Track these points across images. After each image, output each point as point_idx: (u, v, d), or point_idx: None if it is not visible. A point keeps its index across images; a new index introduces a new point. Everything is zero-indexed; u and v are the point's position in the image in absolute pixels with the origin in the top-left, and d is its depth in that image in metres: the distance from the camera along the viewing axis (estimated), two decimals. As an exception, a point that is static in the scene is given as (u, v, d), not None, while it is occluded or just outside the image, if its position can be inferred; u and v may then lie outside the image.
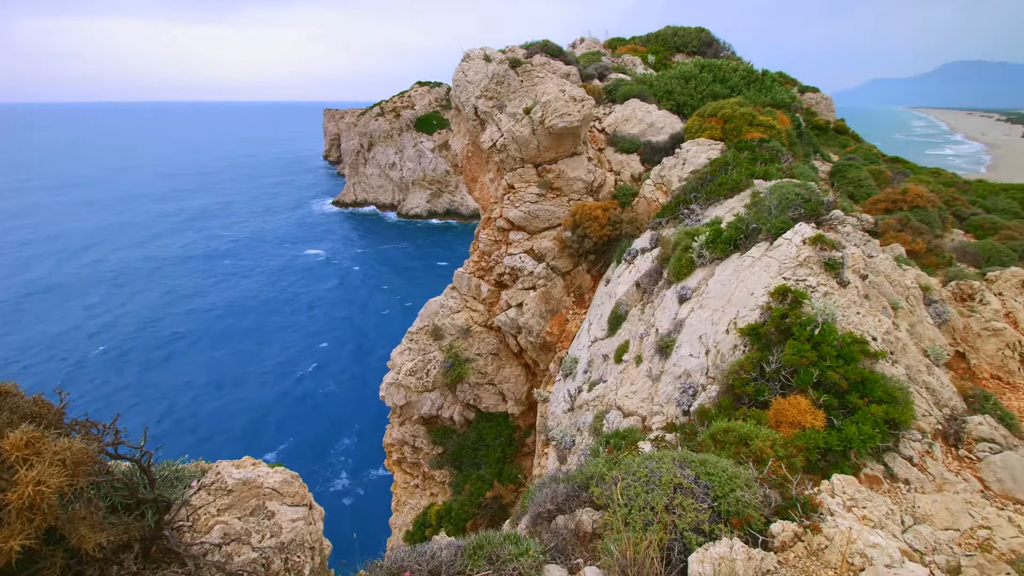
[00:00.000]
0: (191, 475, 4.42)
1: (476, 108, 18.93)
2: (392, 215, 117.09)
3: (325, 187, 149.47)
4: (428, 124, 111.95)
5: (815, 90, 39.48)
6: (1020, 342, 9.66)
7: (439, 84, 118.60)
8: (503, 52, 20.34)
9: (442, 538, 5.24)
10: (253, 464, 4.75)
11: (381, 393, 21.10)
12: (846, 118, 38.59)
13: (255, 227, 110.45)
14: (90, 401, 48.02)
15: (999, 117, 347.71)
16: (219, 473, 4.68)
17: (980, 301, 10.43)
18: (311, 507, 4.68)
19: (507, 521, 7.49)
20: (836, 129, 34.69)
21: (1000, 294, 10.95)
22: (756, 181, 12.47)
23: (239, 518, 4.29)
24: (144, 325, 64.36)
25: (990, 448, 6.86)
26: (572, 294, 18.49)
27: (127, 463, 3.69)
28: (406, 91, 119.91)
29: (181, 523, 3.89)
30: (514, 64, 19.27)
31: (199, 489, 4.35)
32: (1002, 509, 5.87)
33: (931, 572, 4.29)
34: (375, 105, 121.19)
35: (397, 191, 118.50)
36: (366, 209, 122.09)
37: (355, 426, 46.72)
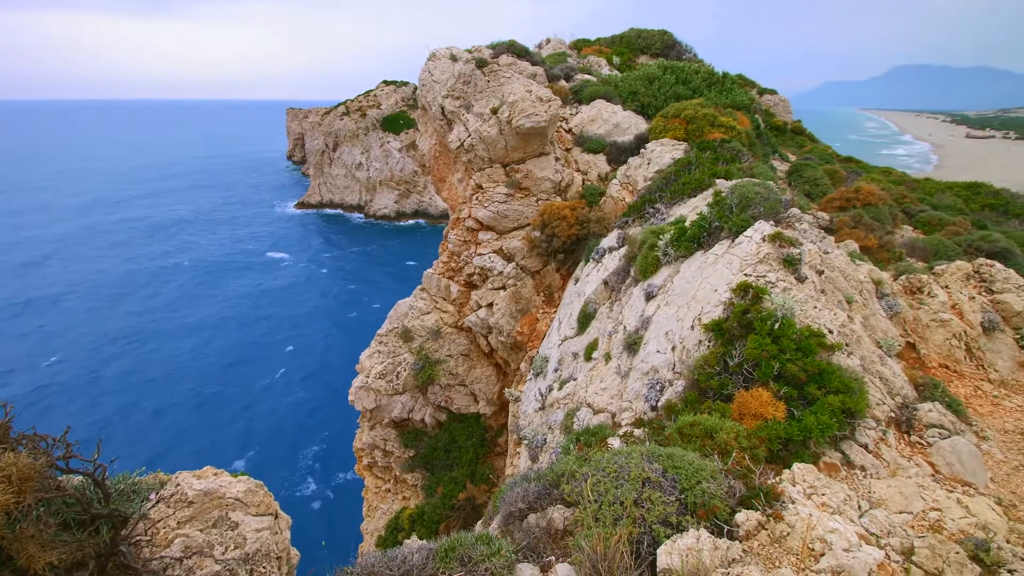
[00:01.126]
0: (149, 487, 4.26)
1: (443, 108, 18.83)
2: (359, 216, 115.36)
3: (289, 188, 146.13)
4: (395, 124, 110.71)
5: (773, 92, 40.75)
6: (965, 332, 10.20)
7: (405, 83, 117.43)
8: (469, 52, 20.29)
9: (413, 542, 5.19)
10: (215, 474, 4.61)
11: (350, 397, 20.76)
12: (803, 119, 39.96)
13: (215, 230, 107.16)
14: (40, 414, 45.74)
15: (944, 118, 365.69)
16: (179, 485, 4.52)
17: (928, 294, 10.95)
18: (277, 516, 4.57)
19: (479, 522, 7.48)
20: (793, 130, 35.87)
21: (947, 287, 11.52)
22: (718, 180, 12.79)
23: (201, 530, 4.15)
24: (98, 334, 61.64)
25: (939, 434, 7.21)
26: (542, 293, 18.59)
27: (79, 477, 3.54)
28: (372, 90, 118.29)
29: (139, 538, 3.74)
30: (480, 64, 19.24)
31: (158, 502, 4.20)
32: (951, 491, 6.19)
33: (886, 554, 4.48)
34: (340, 104, 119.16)
35: (364, 192, 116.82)
36: (332, 211, 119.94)
37: (324, 432, 45.85)
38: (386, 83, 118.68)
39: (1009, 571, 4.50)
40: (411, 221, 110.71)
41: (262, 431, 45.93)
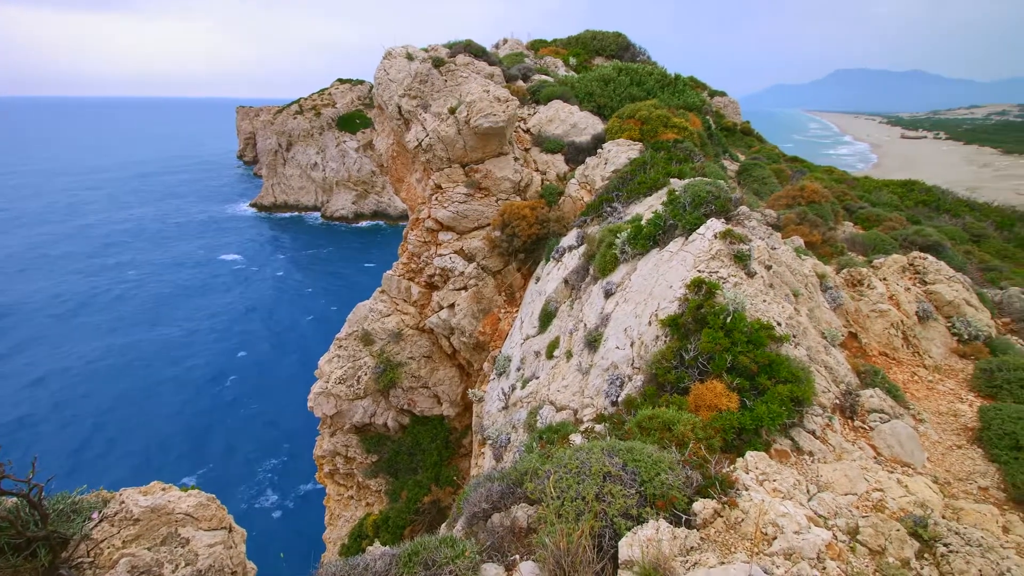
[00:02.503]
0: (91, 506, 4.04)
1: (400, 107, 18.60)
2: (316, 217, 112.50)
3: (241, 189, 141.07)
4: (351, 123, 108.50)
5: (723, 94, 42.14)
6: (902, 322, 10.82)
7: (361, 82, 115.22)
8: (426, 51, 20.11)
9: (376, 548, 5.11)
10: (163, 489, 4.41)
11: (309, 404, 20.23)
12: (751, 120, 41.53)
13: (163, 232, 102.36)
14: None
15: (881, 120, 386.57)
16: (123, 502, 4.30)
17: (868, 286, 11.56)
18: (231, 529, 4.41)
19: (444, 524, 7.43)
20: (743, 131, 37.21)
21: (885, 279, 12.19)
22: (672, 180, 13.13)
23: (149, 548, 3.96)
24: (37, 342, 57.85)
25: (880, 418, 7.62)
26: (503, 293, 18.62)
27: (13, 499, 3.34)
28: (326, 88, 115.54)
29: (81, 559, 3.55)
30: (437, 63, 19.11)
31: (100, 521, 3.99)
32: (891, 472, 6.56)
33: (834, 535, 4.70)
34: (293, 103, 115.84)
35: (320, 192, 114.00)
36: (287, 212, 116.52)
37: (282, 440, 44.47)
38: (341, 81, 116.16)
39: (945, 545, 4.81)
40: (370, 222, 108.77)
41: (215, 443, 44.12)
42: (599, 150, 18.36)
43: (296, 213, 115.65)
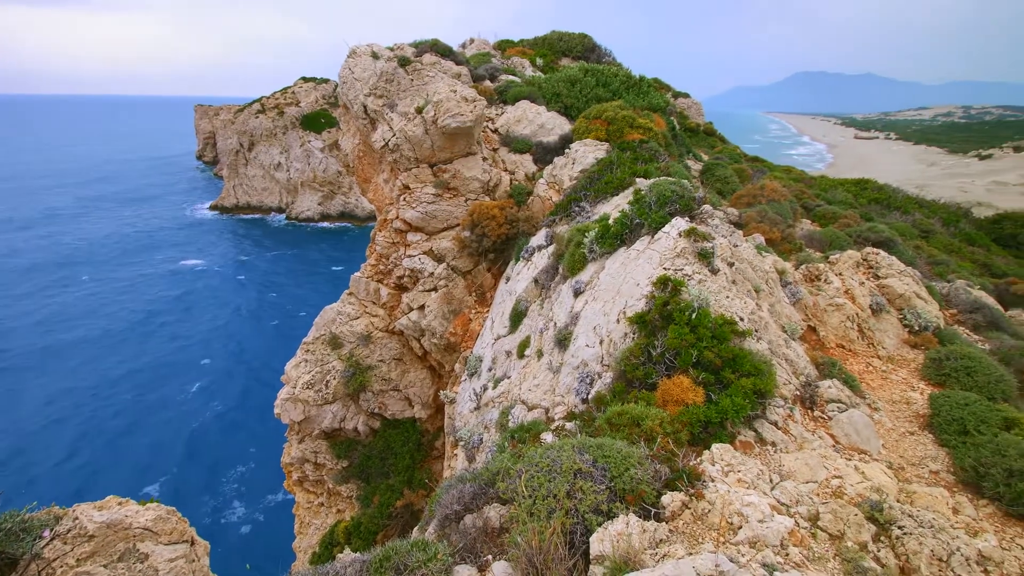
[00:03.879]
0: (42, 524, 3.86)
1: (365, 106, 18.34)
2: (280, 219, 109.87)
3: (201, 190, 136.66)
4: (316, 122, 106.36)
5: (687, 95, 43.03)
6: (857, 315, 11.26)
7: (326, 80, 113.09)
8: (391, 50, 19.89)
9: (347, 555, 5.03)
10: (119, 503, 4.23)
11: (276, 410, 19.75)
12: (714, 121, 42.53)
13: (120, 236, 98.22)
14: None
15: (836, 121, 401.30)
16: (77, 518, 4.11)
17: (825, 281, 11.99)
18: (193, 543, 4.27)
19: (416, 527, 7.37)
20: (705, 131, 38.08)
21: (840, 274, 12.66)
22: (638, 179, 13.33)
23: (105, 566, 3.80)
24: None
25: (838, 407, 7.91)
26: (474, 293, 18.58)
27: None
28: (289, 87, 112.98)
29: (30, 580, 3.38)
30: (403, 62, 18.92)
31: (52, 539, 3.81)
32: (849, 459, 6.82)
33: (796, 522, 4.87)
34: (255, 101, 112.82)
35: (285, 193, 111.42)
36: (250, 214, 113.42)
37: (249, 448, 43.28)
38: (305, 80, 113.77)
39: (900, 527, 5.04)
40: (337, 223, 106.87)
41: (177, 453, 42.62)
42: (567, 150, 18.50)
43: (259, 215, 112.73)
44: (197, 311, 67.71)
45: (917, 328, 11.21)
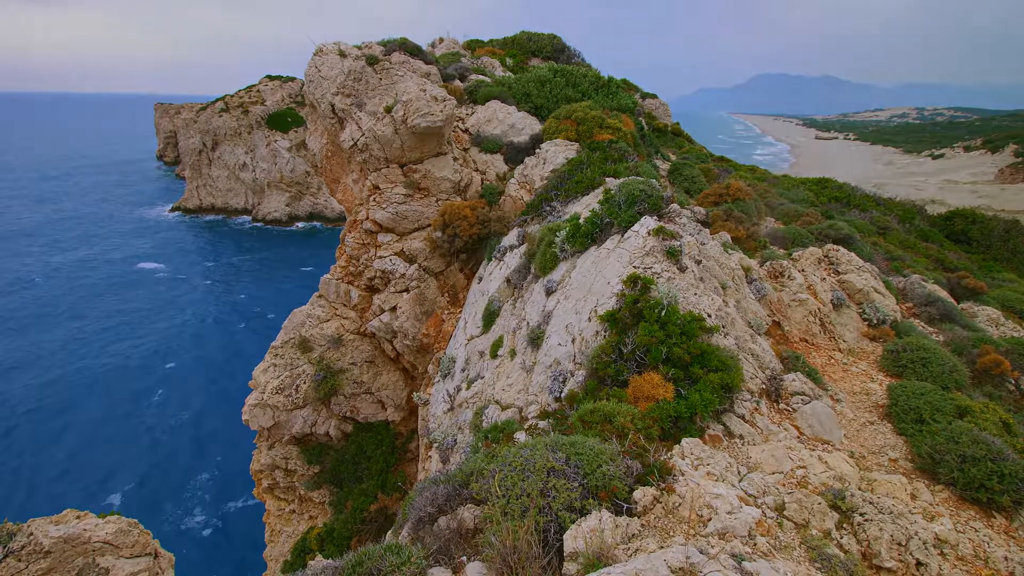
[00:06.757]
0: (-9, 542, 3.66)
1: (333, 106, 18.04)
2: (246, 220, 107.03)
3: (162, 191, 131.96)
4: (282, 122, 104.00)
5: (654, 96, 43.68)
6: (819, 309, 11.63)
7: (292, 79, 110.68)
8: (359, 48, 19.60)
9: (318, 562, 4.94)
10: (77, 517, 4.05)
11: (244, 416, 19.24)
12: (681, 122, 43.31)
13: (76, 239, 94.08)
14: None
15: (797, 122, 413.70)
16: (32, 534, 3.92)
17: (788, 277, 12.35)
18: (157, 555, 4.12)
19: (389, 531, 7.29)
20: (673, 132, 38.74)
21: (803, 270, 13.05)
22: (608, 179, 13.48)
23: (61, 583, 3.63)
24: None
25: (802, 400, 8.15)
26: (446, 294, 18.47)
27: None
28: (254, 85, 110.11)
29: (-22, 603, 3.20)
30: (371, 61, 18.68)
31: (5, 556, 3.62)
32: (813, 450, 7.03)
33: (763, 512, 4.99)
34: (218, 100, 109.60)
35: (251, 194, 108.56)
36: (214, 215, 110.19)
37: (215, 456, 42.07)
38: (270, 78, 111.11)
39: (861, 514, 5.23)
40: (305, 224, 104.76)
41: (141, 462, 41.14)
42: (537, 150, 18.57)
43: (224, 216, 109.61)
44: (158, 315, 65.41)
45: (875, 321, 11.65)
